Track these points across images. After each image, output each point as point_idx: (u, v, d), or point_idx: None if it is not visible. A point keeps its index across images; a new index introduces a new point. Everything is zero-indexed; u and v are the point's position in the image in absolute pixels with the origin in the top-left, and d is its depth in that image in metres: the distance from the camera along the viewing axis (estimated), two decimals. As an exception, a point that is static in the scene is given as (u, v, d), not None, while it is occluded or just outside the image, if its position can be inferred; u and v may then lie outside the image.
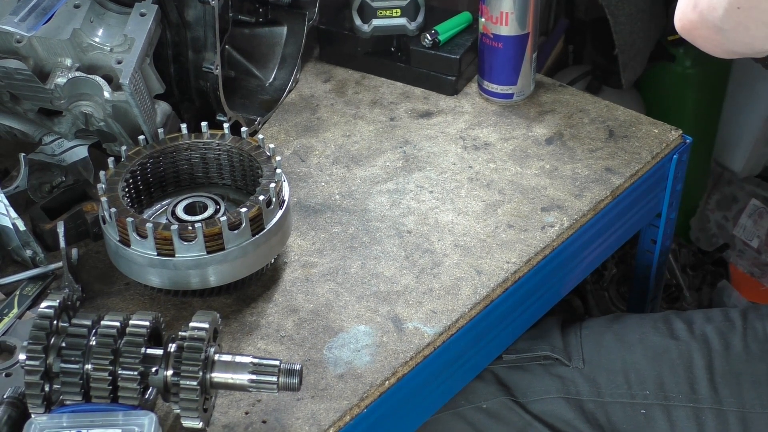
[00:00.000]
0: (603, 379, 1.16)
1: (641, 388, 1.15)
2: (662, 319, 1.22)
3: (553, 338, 1.20)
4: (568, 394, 1.16)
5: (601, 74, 1.88)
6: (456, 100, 1.37)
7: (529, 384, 1.17)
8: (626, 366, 1.16)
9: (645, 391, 1.14)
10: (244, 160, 1.09)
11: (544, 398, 1.16)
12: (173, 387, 0.86)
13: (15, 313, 1.05)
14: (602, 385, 1.16)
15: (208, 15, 1.14)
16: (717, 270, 2.11)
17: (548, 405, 1.16)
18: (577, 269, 1.22)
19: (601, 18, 1.73)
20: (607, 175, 1.22)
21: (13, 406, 0.87)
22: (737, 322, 1.18)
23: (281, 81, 1.39)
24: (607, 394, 1.15)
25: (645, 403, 1.14)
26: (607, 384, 1.16)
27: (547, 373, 1.18)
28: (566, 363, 1.17)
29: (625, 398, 1.15)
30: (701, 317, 1.21)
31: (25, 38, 1.08)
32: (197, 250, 0.97)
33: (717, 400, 1.12)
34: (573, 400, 1.16)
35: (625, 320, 1.24)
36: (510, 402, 1.16)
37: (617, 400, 1.15)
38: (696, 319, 1.21)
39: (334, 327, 1.03)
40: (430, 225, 1.16)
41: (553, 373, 1.17)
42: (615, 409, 1.14)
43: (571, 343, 1.19)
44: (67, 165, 1.18)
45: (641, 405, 1.14)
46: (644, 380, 1.15)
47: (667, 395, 1.14)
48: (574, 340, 1.20)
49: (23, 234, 1.07)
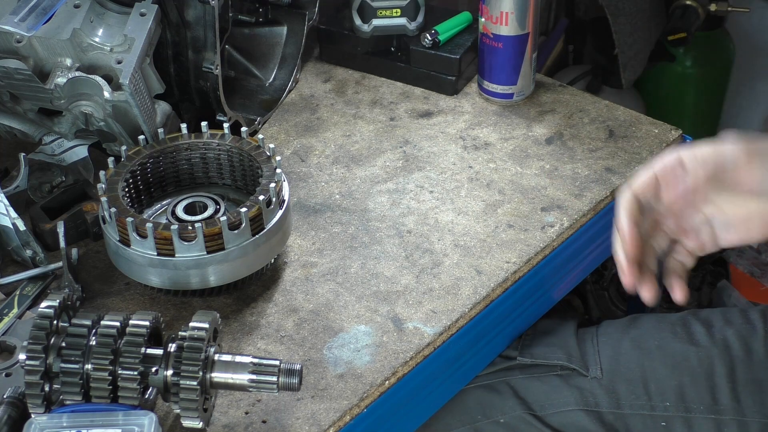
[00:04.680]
0: (622, 390, 1.13)
1: (661, 399, 1.11)
2: (680, 323, 1.18)
3: (569, 346, 1.16)
4: (587, 406, 1.13)
5: (601, 74, 1.88)
6: (456, 100, 1.37)
7: (547, 396, 1.14)
8: (645, 375, 1.13)
9: (665, 403, 1.11)
10: (244, 160, 1.09)
11: (563, 411, 1.13)
12: (173, 387, 0.86)
13: (15, 313, 1.05)
14: (621, 396, 1.12)
15: (208, 15, 1.14)
16: (717, 270, 2.11)
17: (567, 418, 1.13)
18: (577, 269, 1.22)
19: (601, 18, 1.73)
20: (607, 175, 1.22)
21: (13, 406, 0.87)
22: (758, 325, 1.15)
23: (281, 81, 1.39)
24: (627, 406, 1.12)
25: (665, 416, 1.11)
26: (626, 395, 1.12)
27: (565, 384, 1.14)
28: (584, 373, 1.14)
29: (645, 410, 1.11)
30: (720, 319, 1.17)
31: (25, 38, 1.08)
32: (197, 250, 0.97)
33: (739, 411, 1.09)
34: (592, 412, 1.12)
35: (642, 324, 1.20)
36: (528, 416, 1.14)
37: (637, 412, 1.12)
38: (715, 321, 1.17)
39: (334, 327, 1.03)
40: (430, 225, 1.16)
41: (572, 384, 1.14)
42: (635, 422, 1.11)
43: (588, 351, 1.16)
44: (67, 165, 1.18)
45: (662, 417, 1.11)
46: (664, 390, 1.12)
47: (688, 406, 1.10)
48: (590, 348, 1.17)
49: (23, 234, 1.07)
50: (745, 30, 1.98)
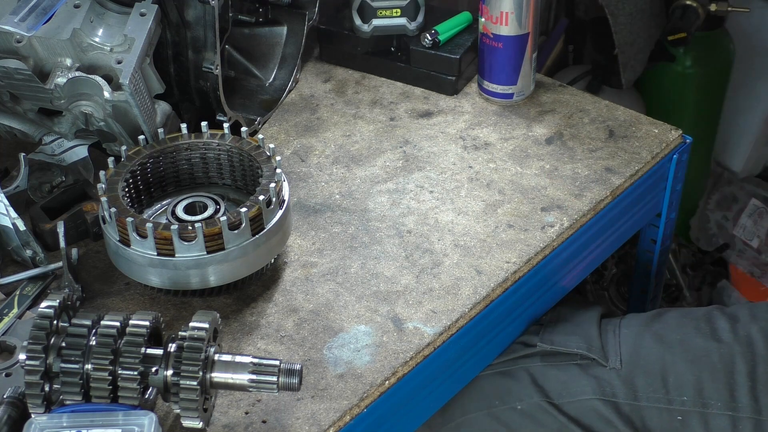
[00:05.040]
0: (640, 382, 1.13)
1: (679, 393, 1.12)
2: (705, 318, 1.18)
3: (591, 336, 1.17)
4: (604, 396, 1.13)
5: (601, 74, 1.88)
6: (456, 100, 1.37)
7: (565, 385, 1.15)
8: (665, 369, 1.13)
9: (683, 397, 1.11)
10: (244, 160, 1.09)
11: (580, 399, 1.14)
12: (173, 387, 0.86)
13: (15, 313, 1.05)
14: (639, 388, 1.13)
15: (208, 15, 1.14)
16: (717, 270, 2.12)
17: (584, 406, 1.14)
18: (577, 269, 1.22)
19: (601, 17, 1.73)
20: (607, 175, 1.22)
21: (13, 406, 0.87)
22: None
23: (281, 81, 1.39)
24: (644, 398, 1.12)
25: (682, 410, 1.11)
26: (644, 387, 1.13)
27: (583, 373, 1.15)
28: (603, 363, 1.14)
29: (662, 403, 1.12)
30: (747, 314, 1.17)
31: (25, 38, 1.08)
32: (197, 250, 0.97)
33: (756, 410, 1.09)
34: (609, 402, 1.13)
35: (666, 318, 1.20)
36: (545, 404, 1.15)
37: (654, 404, 1.12)
38: (741, 315, 1.17)
39: (334, 327, 1.03)
40: (430, 225, 1.16)
41: (590, 373, 1.15)
42: (651, 414, 1.12)
43: (609, 343, 1.17)
44: (67, 165, 1.18)
45: (678, 411, 1.11)
46: (683, 385, 1.12)
47: (706, 402, 1.11)
48: (612, 340, 1.17)
49: (23, 234, 1.07)
50: (745, 30, 1.97)
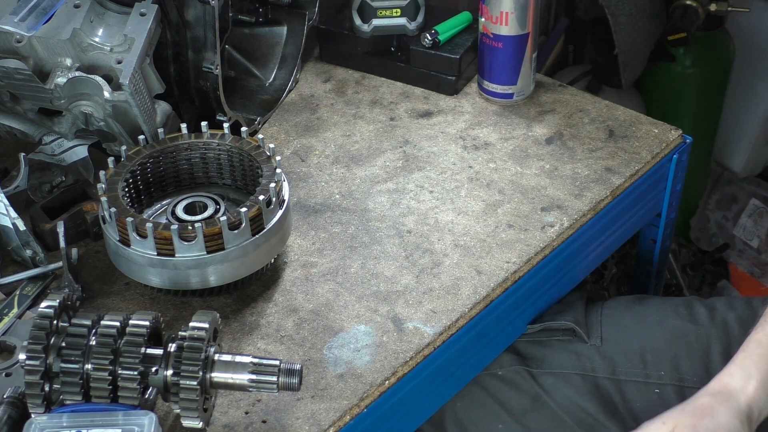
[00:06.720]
0: (620, 358, 1.16)
1: (657, 368, 1.15)
2: (684, 304, 1.22)
3: (577, 312, 1.20)
4: (583, 371, 1.16)
5: (601, 74, 1.88)
6: (456, 100, 1.37)
7: (546, 357, 1.18)
8: (644, 346, 1.17)
9: (660, 372, 1.15)
10: (244, 160, 1.09)
11: (559, 372, 1.16)
12: (173, 387, 0.86)
13: (15, 313, 1.05)
14: (618, 364, 1.16)
15: (208, 15, 1.14)
16: (717, 270, 2.11)
17: (561, 378, 1.16)
18: (576, 269, 1.22)
19: (601, 18, 1.73)
20: (607, 175, 1.22)
21: (13, 406, 0.87)
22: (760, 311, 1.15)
23: (281, 81, 1.39)
24: (622, 373, 1.16)
25: (659, 383, 1.14)
26: (623, 363, 1.16)
27: (564, 348, 1.18)
28: (585, 340, 1.18)
29: (640, 378, 1.15)
30: (724, 304, 1.21)
31: (25, 38, 1.08)
32: (197, 250, 0.97)
33: None
34: (588, 377, 1.16)
35: (647, 302, 1.24)
36: (524, 371, 1.17)
37: (632, 379, 1.15)
38: (719, 305, 1.21)
39: (334, 327, 1.03)
40: (430, 225, 1.16)
41: (571, 349, 1.18)
42: (629, 388, 1.15)
43: (592, 321, 1.20)
44: (67, 165, 1.18)
45: (655, 385, 1.14)
46: (660, 361, 1.15)
47: (682, 377, 1.14)
48: (594, 318, 1.21)
49: (23, 234, 1.07)
50: (745, 30, 1.97)
